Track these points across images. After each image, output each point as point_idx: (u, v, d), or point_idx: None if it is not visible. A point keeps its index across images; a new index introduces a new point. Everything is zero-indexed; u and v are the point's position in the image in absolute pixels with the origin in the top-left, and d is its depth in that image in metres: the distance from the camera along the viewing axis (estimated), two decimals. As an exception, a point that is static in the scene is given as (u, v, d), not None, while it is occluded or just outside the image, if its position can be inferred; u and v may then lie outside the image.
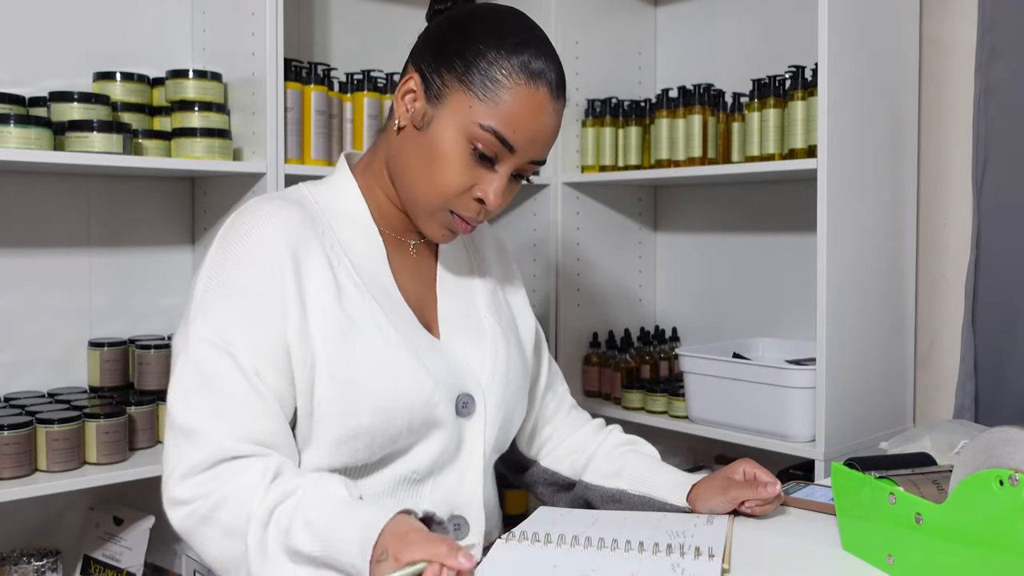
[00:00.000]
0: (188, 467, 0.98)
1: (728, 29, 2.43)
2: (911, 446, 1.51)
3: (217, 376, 1.00)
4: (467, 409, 1.12)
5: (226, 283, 1.03)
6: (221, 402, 0.99)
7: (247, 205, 1.09)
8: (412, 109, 1.09)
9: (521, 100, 1.04)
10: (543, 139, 1.08)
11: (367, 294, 1.08)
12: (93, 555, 1.90)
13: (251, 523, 0.95)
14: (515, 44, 1.05)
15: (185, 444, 0.99)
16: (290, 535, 0.94)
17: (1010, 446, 0.88)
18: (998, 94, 1.90)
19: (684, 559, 1.00)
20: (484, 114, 1.04)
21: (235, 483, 0.97)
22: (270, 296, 1.02)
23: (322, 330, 1.03)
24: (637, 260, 2.60)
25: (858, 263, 1.92)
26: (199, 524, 0.97)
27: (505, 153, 1.06)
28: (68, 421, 1.66)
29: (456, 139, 1.05)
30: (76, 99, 1.73)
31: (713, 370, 2.03)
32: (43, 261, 1.91)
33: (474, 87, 1.04)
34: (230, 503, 0.96)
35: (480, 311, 1.20)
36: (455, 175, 1.06)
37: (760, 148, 2.02)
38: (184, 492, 0.98)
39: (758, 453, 2.24)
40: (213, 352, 1.00)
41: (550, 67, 1.07)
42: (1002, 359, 1.92)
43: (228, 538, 0.96)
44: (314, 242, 1.06)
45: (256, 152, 1.88)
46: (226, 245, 1.05)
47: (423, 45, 1.12)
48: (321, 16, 2.30)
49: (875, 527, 1.03)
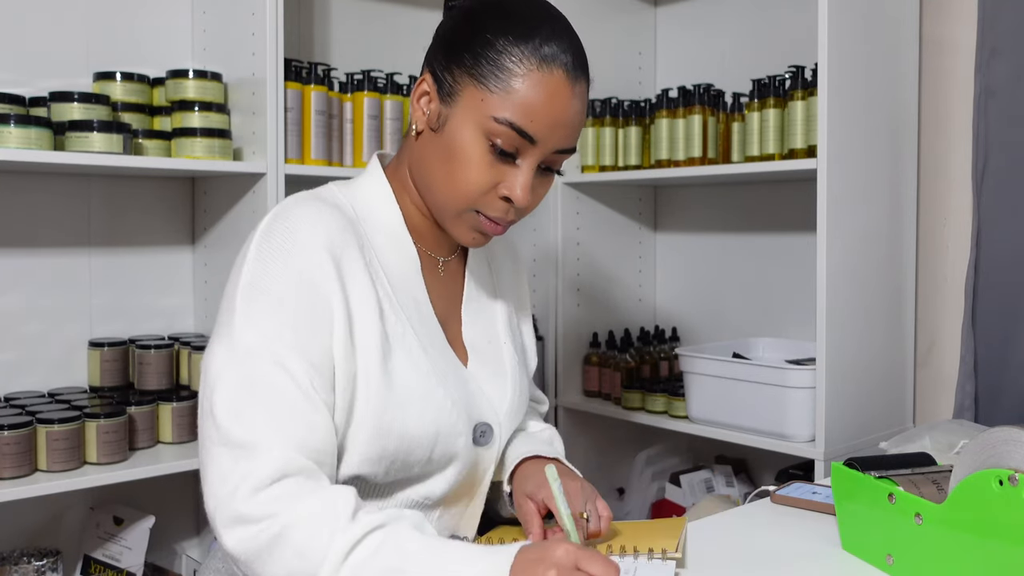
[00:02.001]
0: (257, 481, 0.90)
1: (728, 29, 2.43)
2: (911, 446, 1.51)
3: (272, 389, 0.93)
4: (484, 438, 1.10)
5: (269, 292, 0.96)
6: (278, 417, 0.93)
7: (283, 206, 1.03)
8: (428, 111, 1.05)
9: (535, 86, 0.98)
10: (566, 125, 1.02)
11: (402, 314, 1.04)
12: (93, 555, 1.90)
13: (332, 545, 0.86)
14: (524, 29, 1.00)
15: (245, 459, 0.91)
16: (386, 554, 0.86)
17: (1010, 446, 0.88)
18: (998, 94, 1.90)
19: (637, 561, 1.00)
20: (498, 106, 0.99)
21: (308, 502, 0.89)
22: (317, 306, 0.97)
23: (365, 347, 0.99)
24: (637, 260, 2.60)
25: (858, 263, 1.92)
26: (271, 543, 0.88)
27: (526, 145, 1.01)
28: (68, 421, 1.66)
29: (473, 136, 1.00)
30: (76, 99, 1.73)
31: (713, 370, 2.03)
32: (43, 261, 1.91)
33: (485, 79, 0.99)
34: (305, 522, 0.88)
35: (500, 337, 1.18)
36: (476, 174, 1.01)
37: (760, 148, 2.02)
38: (254, 509, 0.89)
39: (758, 453, 2.24)
40: (265, 365, 0.94)
41: (564, 48, 1.01)
42: (1002, 359, 1.92)
43: (300, 558, 0.87)
44: (356, 252, 1.02)
45: (256, 152, 1.88)
46: (267, 251, 0.98)
47: (434, 43, 1.08)
48: (321, 16, 2.30)
49: (875, 527, 1.03)
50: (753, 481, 2.39)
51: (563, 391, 2.43)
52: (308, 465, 0.93)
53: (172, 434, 1.86)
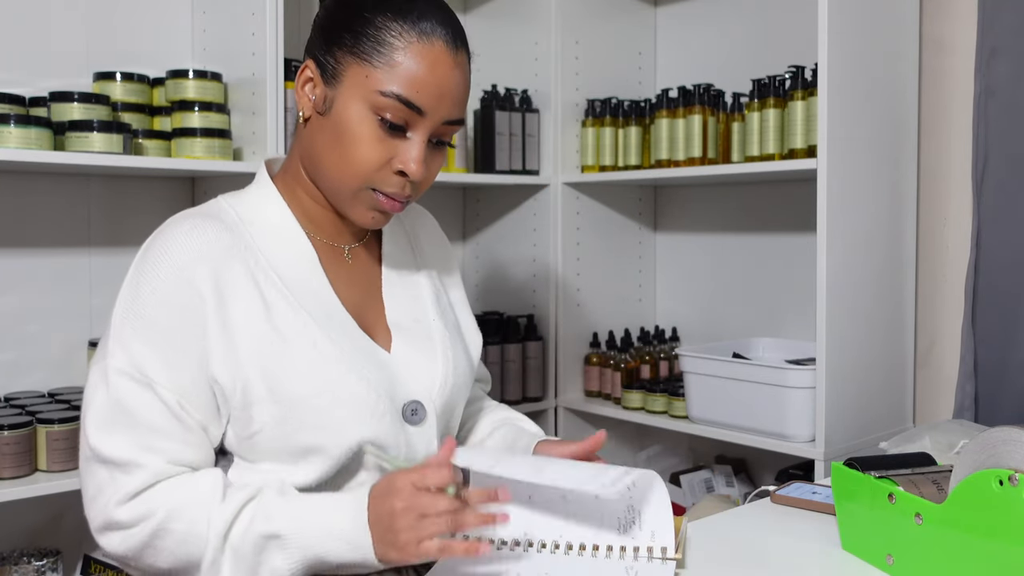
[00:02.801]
0: (127, 492, 0.96)
1: (728, 29, 2.43)
2: (911, 446, 1.51)
3: (141, 410, 0.97)
4: (416, 416, 1.09)
5: (141, 316, 0.98)
6: (149, 435, 0.97)
7: (160, 228, 1.05)
8: (313, 96, 1.05)
9: (417, 57, 1.00)
10: (451, 94, 1.03)
11: (299, 308, 1.04)
12: (93, 555, 1.90)
13: (211, 526, 0.95)
14: (400, 4, 1.02)
15: (120, 474, 0.97)
16: (268, 519, 0.95)
17: (1010, 446, 0.88)
18: (998, 94, 1.90)
19: (637, 562, 1.00)
20: (383, 80, 1.00)
21: (178, 493, 0.96)
22: (187, 328, 0.98)
23: (255, 353, 0.99)
24: (637, 260, 2.60)
25: (858, 263, 1.92)
26: (152, 537, 0.96)
27: (415, 117, 1.02)
28: (68, 421, 1.66)
29: (361, 113, 1.01)
30: (76, 99, 1.73)
31: (713, 370, 2.03)
32: (43, 261, 1.91)
33: (367, 55, 1.00)
34: (181, 511, 0.95)
35: (428, 314, 1.17)
36: (368, 150, 1.02)
37: (760, 148, 2.02)
38: (125, 515, 0.96)
39: (758, 453, 2.24)
40: (134, 386, 0.97)
41: (441, 21, 1.04)
42: (1002, 359, 1.92)
43: (183, 544, 0.95)
44: (235, 261, 1.02)
45: (256, 152, 1.88)
46: (141, 273, 1.01)
47: (313, 32, 1.09)
48: (321, 16, 2.30)
49: (875, 527, 1.03)
50: (753, 481, 2.39)
51: (563, 391, 2.43)
52: (182, 472, 0.99)
53: (172, 434, 1.86)
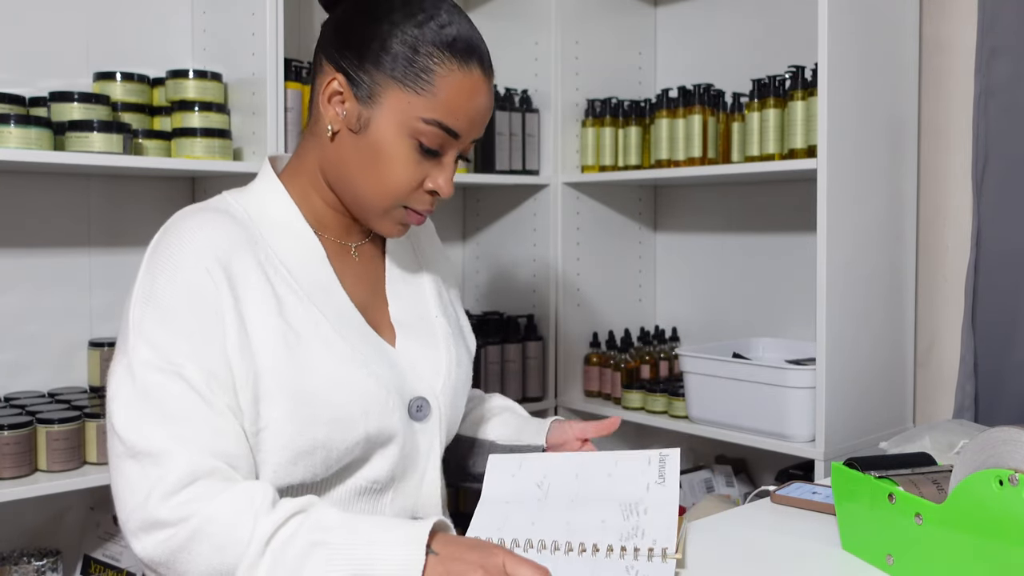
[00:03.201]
0: (168, 486, 0.91)
1: (728, 29, 2.43)
2: (911, 446, 1.51)
3: (170, 400, 0.94)
4: (421, 413, 1.10)
5: (160, 305, 0.97)
6: (180, 425, 0.93)
7: (172, 220, 1.05)
8: (343, 112, 1.05)
9: (458, 85, 1.02)
10: (483, 118, 1.06)
11: (309, 303, 1.04)
12: (93, 555, 1.90)
13: (255, 531, 0.89)
14: (438, 25, 1.02)
15: (152, 466, 0.92)
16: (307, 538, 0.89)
17: (1010, 446, 0.88)
18: (998, 94, 1.90)
19: (637, 561, 1.00)
20: (425, 108, 1.01)
21: (224, 497, 0.91)
22: (207, 315, 0.97)
23: (266, 345, 0.99)
24: (637, 260, 2.60)
25: (858, 263, 1.92)
26: (188, 541, 0.90)
27: (450, 141, 1.04)
28: (68, 421, 1.66)
29: (399, 137, 1.02)
30: (76, 99, 1.73)
31: (713, 370, 2.03)
32: (43, 261, 1.91)
33: (410, 82, 1.01)
34: (223, 516, 0.90)
35: (431, 312, 1.18)
36: (405, 174, 1.04)
37: (760, 148, 2.02)
38: (167, 513, 0.90)
39: (758, 453, 2.24)
40: (161, 376, 0.95)
41: (477, 42, 1.04)
42: (1002, 359, 1.92)
43: (219, 551, 0.89)
44: (246, 254, 1.02)
45: (256, 152, 1.88)
46: (155, 264, 1.00)
47: (338, 39, 1.07)
48: (321, 16, 2.29)
49: (875, 527, 1.03)
50: (753, 481, 2.39)
51: (563, 391, 2.43)
52: (219, 466, 0.94)
53: (172, 434, 1.86)
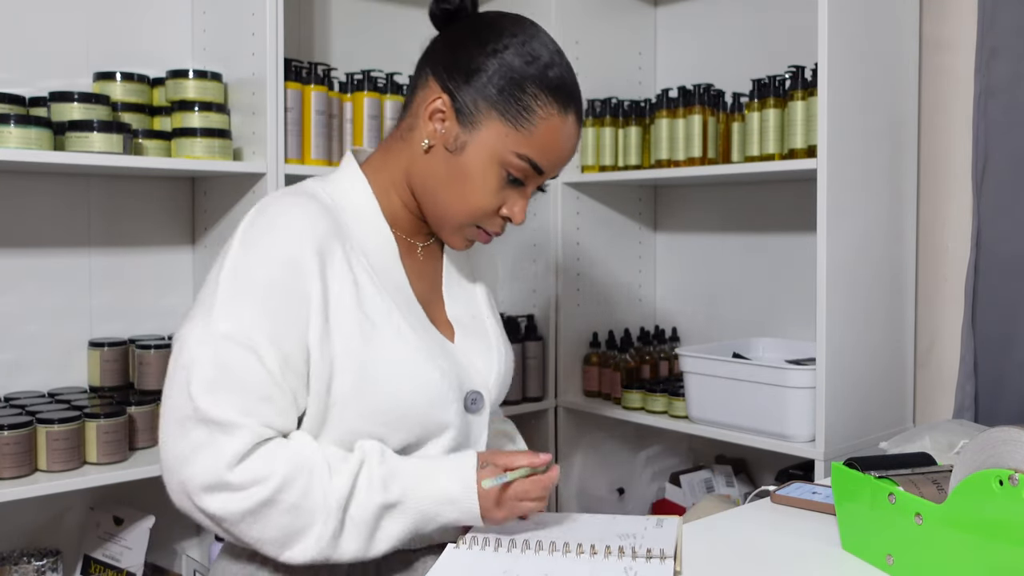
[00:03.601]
0: (235, 453, 1.00)
1: (728, 29, 2.43)
2: (911, 446, 1.51)
3: (246, 375, 1.01)
4: (476, 406, 1.17)
5: (251, 279, 1.03)
6: (250, 399, 1.01)
7: (267, 200, 1.10)
8: (442, 130, 1.11)
9: (555, 128, 1.09)
10: (568, 159, 1.15)
11: (384, 294, 1.10)
12: (93, 555, 1.90)
13: (328, 500, 1.00)
14: (543, 67, 1.08)
15: (221, 434, 1.00)
16: (382, 489, 1.03)
17: (1010, 446, 0.88)
18: (998, 94, 1.90)
19: (636, 562, 1.00)
20: (520, 144, 1.08)
21: (293, 462, 1.01)
22: (296, 295, 1.03)
23: (343, 330, 1.05)
24: (637, 260, 2.60)
25: (858, 263, 1.92)
26: (259, 505, 0.99)
27: (534, 175, 1.11)
28: (68, 421, 1.66)
29: (490, 165, 1.09)
30: (76, 99, 1.73)
31: (713, 370, 2.03)
32: (43, 261, 1.91)
33: (512, 118, 1.08)
34: (296, 482, 1.00)
35: (483, 313, 1.25)
36: (488, 198, 1.10)
37: (760, 148, 2.02)
38: (237, 477, 0.99)
39: (758, 453, 2.24)
40: (239, 350, 1.01)
41: (576, 88, 1.12)
42: (1002, 359, 1.92)
43: (291, 515, 1.00)
44: (335, 242, 1.07)
45: (256, 152, 1.88)
46: (251, 240, 1.05)
47: (446, 59, 1.12)
48: (321, 16, 2.30)
49: (875, 527, 1.03)
50: (753, 481, 2.39)
51: (563, 391, 2.43)
52: (275, 435, 1.04)
53: (172, 434, 1.85)
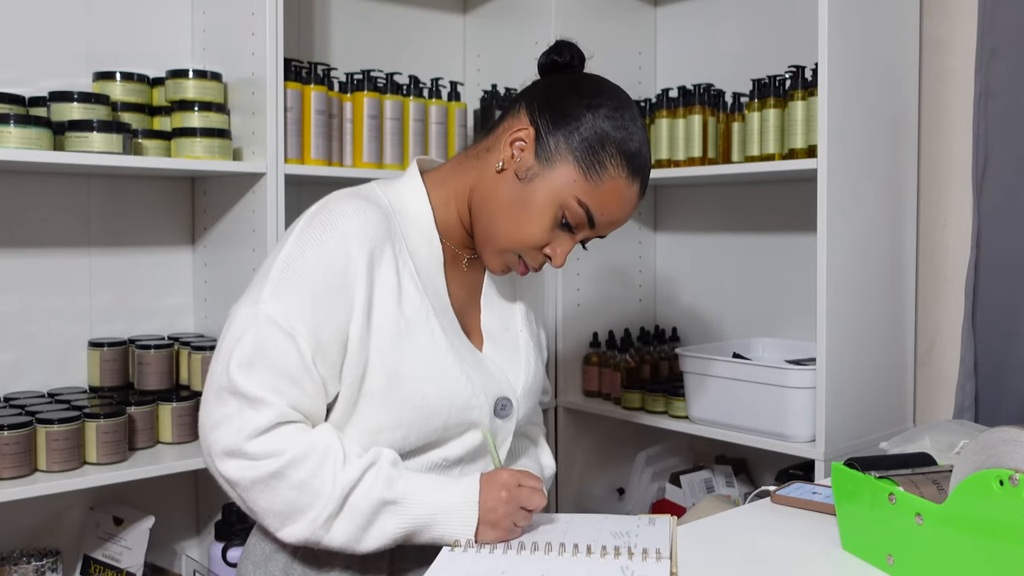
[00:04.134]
0: (256, 427, 1.06)
1: (728, 29, 2.43)
2: (911, 446, 1.51)
3: (281, 357, 1.08)
4: (505, 411, 1.22)
5: (301, 271, 1.10)
6: (281, 380, 1.08)
7: (329, 199, 1.16)
8: (519, 158, 1.16)
9: (619, 190, 1.14)
10: (621, 222, 1.19)
11: (425, 298, 1.16)
12: (93, 555, 1.90)
13: (336, 484, 1.05)
14: (628, 134, 1.15)
15: (249, 408, 1.07)
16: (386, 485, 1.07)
17: (1010, 446, 0.88)
18: (998, 94, 1.90)
19: (632, 561, 1.00)
20: (584, 191, 1.13)
21: (309, 443, 1.07)
22: (341, 292, 1.10)
23: (380, 329, 1.12)
24: (637, 260, 2.60)
25: (858, 263, 1.92)
26: (270, 477, 1.05)
27: (585, 225, 1.16)
28: (68, 421, 1.66)
29: (551, 202, 1.14)
30: (76, 99, 1.73)
31: (713, 370, 2.03)
32: (43, 261, 1.91)
33: (585, 167, 1.13)
34: (305, 462, 1.06)
35: (517, 326, 1.30)
36: (540, 233, 1.15)
37: (760, 148, 2.02)
38: (255, 448, 1.06)
39: (758, 453, 2.24)
40: (279, 333, 1.08)
41: (647, 163, 1.18)
42: (1002, 359, 1.92)
43: (298, 491, 1.05)
44: (387, 246, 1.14)
45: (256, 152, 1.88)
46: (308, 235, 1.12)
47: (544, 101, 1.18)
48: (321, 16, 2.30)
49: (875, 527, 1.03)
50: (753, 481, 2.39)
51: (563, 391, 2.43)
52: (300, 419, 1.10)
53: (172, 434, 1.86)
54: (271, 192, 1.84)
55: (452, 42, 2.59)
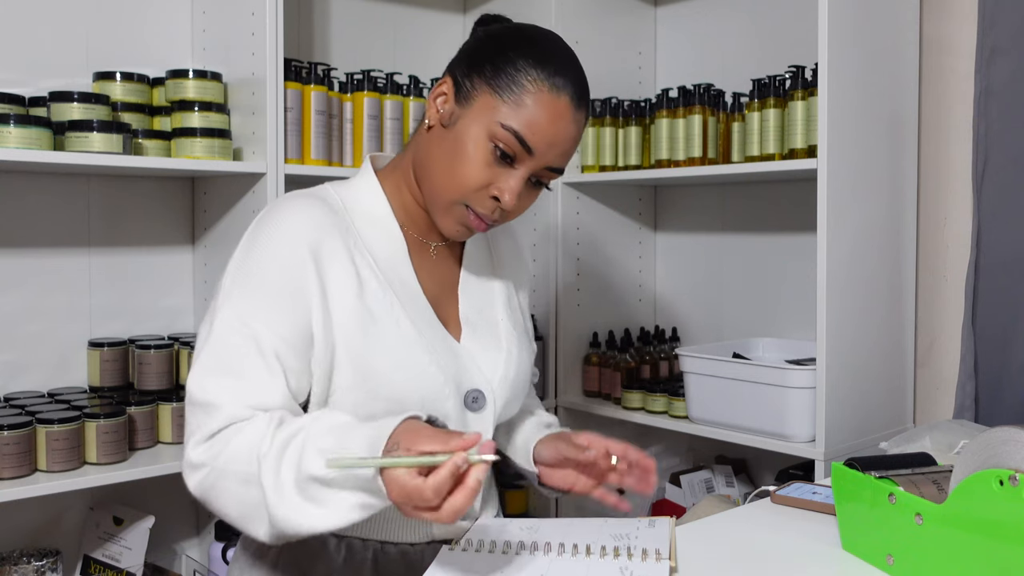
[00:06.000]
0: (204, 433, 1.04)
1: (728, 29, 2.43)
2: (911, 446, 1.51)
3: (235, 356, 1.05)
4: (476, 404, 1.18)
5: (250, 274, 1.09)
6: (235, 379, 1.05)
7: (273, 203, 1.16)
8: (442, 110, 1.15)
9: (542, 105, 1.10)
10: (561, 145, 1.13)
11: (388, 289, 1.13)
12: (93, 555, 1.90)
13: (263, 463, 0.98)
14: (543, 56, 1.12)
15: (203, 415, 1.05)
16: (303, 462, 0.95)
17: (1010, 446, 0.88)
18: (998, 94, 1.90)
19: (632, 561, 1.00)
20: (507, 115, 1.10)
21: (242, 435, 1.02)
22: (293, 287, 1.08)
23: (343, 323, 1.09)
24: (637, 260, 2.60)
25: (858, 263, 1.92)
26: (217, 480, 1.02)
27: (524, 155, 1.11)
28: (68, 421, 1.66)
29: (479, 136, 1.11)
30: (76, 99, 1.73)
31: (713, 370, 2.03)
32: (43, 261, 1.91)
33: (500, 90, 1.10)
34: (241, 452, 1.00)
35: (497, 314, 1.27)
36: (475, 170, 1.11)
37: (760, 148, 2.02)
38: (199, 455, 1.03)
39: (758, 453, 2.24)
40: (234, 336, 1.06)
41: (573, 80, 1.13)
42: (1002, 359, 1.92)
43: (245, 485, 0.99)
44: (336, 238, 1.12)
45: (256, 152, 1.88)
46: (252, 239, 1.11)
47: (460, 55, 1.18)
48: (321, 16, 2.30)
49: (875, 527, 1.03)
50: (753, 481, 2.39)
51: (563, 391, 2.43)
52: (255, 415, 1.04)
53: (172, 434, 1.86)
54: (271, 192, 1.85)
55: (452, 42, 2.58)
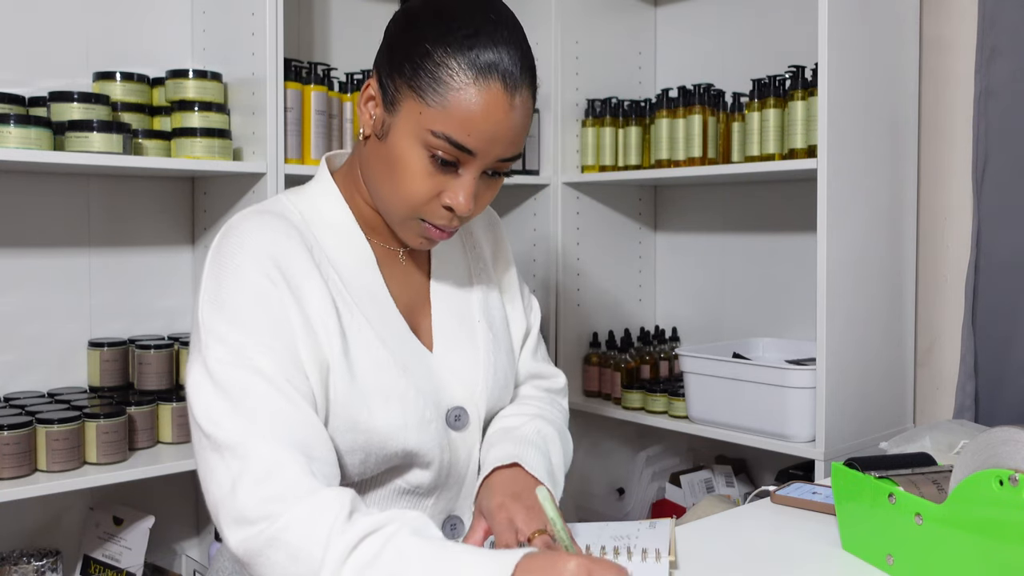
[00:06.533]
0: (251, 478, 0.90)
1: (728, 29, 2.43)
2: (911, 446, 1.51)
3: (247, 394, 0.94)
4: (460, 422, 1.10)
5: (228, 306, 0.97)
6: (257, 417, 0.93)
7: (230, 223, 1.04)
8: (373, 116, 1.04)
9: (471, 101, 0.96)
10: (504, 137, 0.99)
11: (356, 310, 1.04)
12: (93, 555, 1.90)
13: (329, 550, 0.85)
14: (462, 38, 0.97)
15: (234, 458, 0.91)
16: (380, 564, 0.84)
17: (1010, 446, 0.88)
18: (998, 94, 1.90)
19: (632, 561, 1.00)
20: (435, 120, 0.97)
21: (303, 505, 0.88)
22: (273, 311, 0.98)
23: (328, 341, 1.00)
24: (637, 260, 2.60)
25: (858, 263, 1.92)
26: (266, 546, 0.88)
27: (466, 157, 0.99)
28: (68, 421, 1.66)
29: (413, 148, 0.99)
30: (76, 99, 1.73)
31: (713, 370, 2.03)
32: (43, 261, 1.91)
33: (422, 92, 0.97)
34: (299, 525, 0.87)
35: (475, 317, 1.17)
36: (417, 185, 1.00)
37: (760, 148, 2.02)
38: (252, 508, 0.89)
39: (758, 453, 2.24)
40: (237, 371, 0.94)
41: (503, 56, 0.98)
42: (1002, 359, 1.92)
43: (294, 562, 0.86)
44: (301, 256, 1.02)
45: (256, 152, 1.88)
46: (218, 267, 1.00)
47: (381, 46, 1.06)
48: (321, 16, 2.30)
49: (875, 527, 1.03)
50: (753, 481, 2.39)
51: (563, 391, 2.42)
52: (298, 458, 0.92)
53: (172, 434, 1.86)
54: (271, 192, 1.84)
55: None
